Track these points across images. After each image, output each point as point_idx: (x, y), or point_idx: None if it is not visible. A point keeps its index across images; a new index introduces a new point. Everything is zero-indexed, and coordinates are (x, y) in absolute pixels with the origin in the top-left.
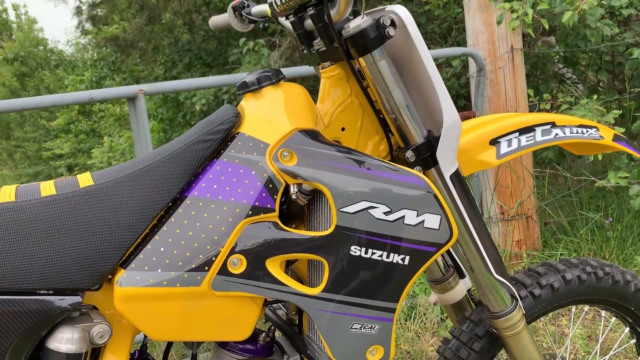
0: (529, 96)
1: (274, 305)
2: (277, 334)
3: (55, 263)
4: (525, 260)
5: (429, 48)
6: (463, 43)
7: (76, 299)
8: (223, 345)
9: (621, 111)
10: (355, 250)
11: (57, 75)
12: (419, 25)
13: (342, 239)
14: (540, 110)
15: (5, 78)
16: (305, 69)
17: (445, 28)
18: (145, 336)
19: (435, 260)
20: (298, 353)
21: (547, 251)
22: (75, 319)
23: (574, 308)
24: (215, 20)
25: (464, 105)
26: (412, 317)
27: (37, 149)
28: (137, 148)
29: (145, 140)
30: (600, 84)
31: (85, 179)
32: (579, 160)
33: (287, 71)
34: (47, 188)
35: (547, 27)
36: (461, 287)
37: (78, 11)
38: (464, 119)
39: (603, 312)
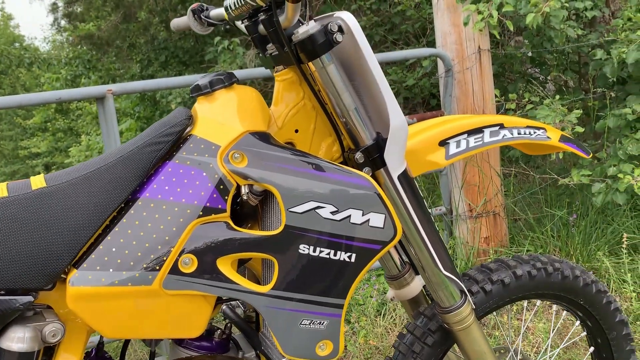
0: (495, 96)
1: (232, 303)
2: (235, 330)
3: (6, 264)
4: (492, 257)
5: (402, 48)
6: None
7: (28, 298)
8: (179, 342)
9: (582, 111)
10: (303, 249)
11: (34, 73)
12: (393, 25)
13: (291, 238)
14: (506, 110)
15: None
16: (262, 71)
17: (418, 28)
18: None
19: (392, 257)
20: (253, 349)
21: (514, 247)
22: (29, 318)
23: (538, 302)
24: (177, 22)
25: (436, 104)
26: (382, 313)
27: (13, 147)
28: (106, 148)
29: (114, 140)
30: (568, 84)
31: (37, 181)
32: (547, 158)
33: (246, 73)
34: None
35: (512, 28)
36: (417, 283)
37: (54, 8)
38: (431, 118)
39: (554, 307)
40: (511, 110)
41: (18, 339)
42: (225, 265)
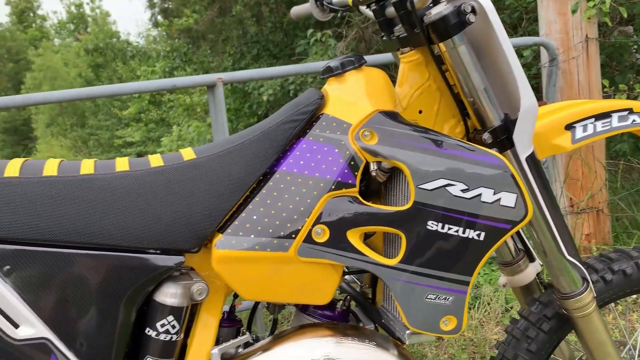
0: (603, 87)
1: (348, 278)
2: (352, 305)
3: (163, 226)
4: (595, 255)
5: None
6: (534, 33)
7: (180, 258)
8: (304, 309)
9: None
10: (432, 225)
11: (130, 67)
12: None
13: (420, 214)
14: None
15: (81, 69)
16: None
17: (515, 18)
18: (233, 298)
19: (506, 244)
20: (372, 322)
21: (617, 246)
22: (178, 277)
23: None
24: (297, 10)
25: (536, 96)
26: (476, 306)
27: (109, 136)
28: (214, 133)
29: (222, 126)
30: None
31: (188, 153)
32: None
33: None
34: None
35: (625, 15)
36: (530, 271)
37: (151, 4)
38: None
39: None
40: None
41: (171, 294)
42: (355, 237)
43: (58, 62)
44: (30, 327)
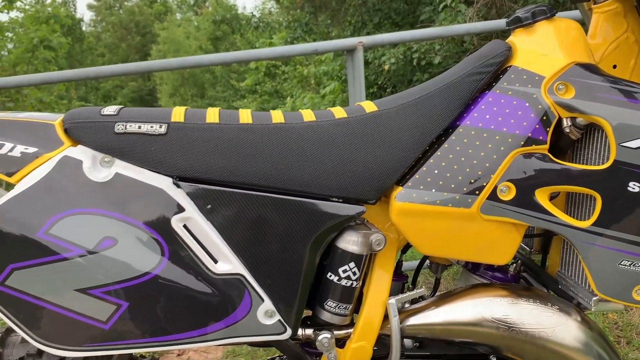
0: None
1: None
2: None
3: (346, 176)
4: None
5: None
6: None
7: (361, 208)
8: (474, 269)
9: None
10: (633, 187)
11: (247, 39)
12: None
13: (621, 174)
14: None
15: (201, 42)
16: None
17: None
18: (401, 254)
19: None
20: (545, 288)
21: None
22: (357, 226)
23: None
24: None
25: None
26: None
27: (226, 107)
28: (351, 96)
29: (360, 91)
30: None
31: (369, 106)
32: None
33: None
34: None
35: None
36: None
37: None
38: None
39: None
40: None
41: (353, 242)
42: (543, 197)
43: (180, 35)
44: (228, 263)
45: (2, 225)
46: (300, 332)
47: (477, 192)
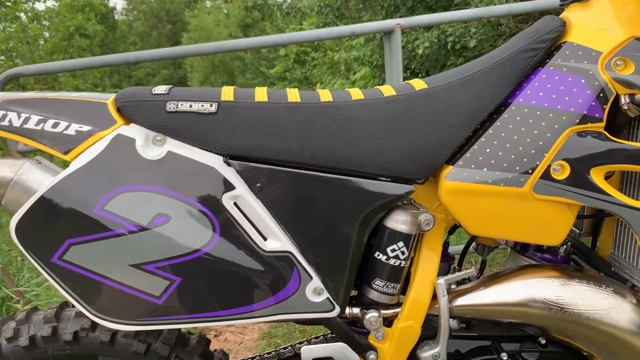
0: None
1: None
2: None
3: (396, 155)
4: None
5: None
6: None
7: (410, 187)
8: (523, 251)
9: None
10: None
11: (277, 25)
12: None
13: None
14: None
15: (231, 29)
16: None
17: None
18: (447, 235)
19: None
20: (595, 269)
21: None
22: (406, 206)
23: None
24: None
25: None
26: None
27: None
28: (388, 79)
29: (397, 73)
30: None
31: (418, 84)
32: None
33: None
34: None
35: None
36: None
37: None
38: None
39: None
40: None
41: (402, 221)
42: (598, 176)
43: (210, 23)
44: (277, 241)
45: (59, 202)
46: (347, 310)
47: (529, 171)
